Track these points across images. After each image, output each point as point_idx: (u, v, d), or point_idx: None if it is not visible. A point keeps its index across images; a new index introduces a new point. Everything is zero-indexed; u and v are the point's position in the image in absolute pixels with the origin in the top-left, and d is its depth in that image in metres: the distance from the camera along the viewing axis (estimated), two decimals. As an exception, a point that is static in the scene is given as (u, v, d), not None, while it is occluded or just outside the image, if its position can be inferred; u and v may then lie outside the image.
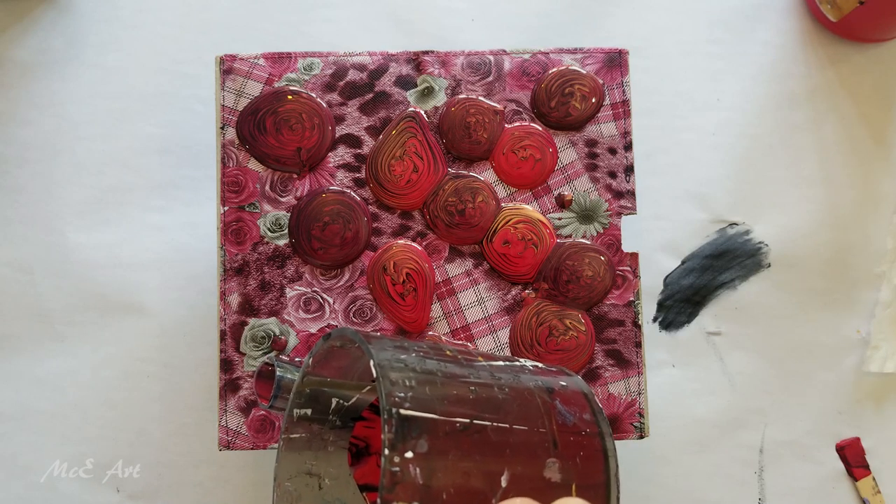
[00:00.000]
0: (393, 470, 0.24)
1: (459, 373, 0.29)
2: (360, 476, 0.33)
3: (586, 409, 0.31)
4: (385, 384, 0.26)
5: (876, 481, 0.48)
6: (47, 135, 0.48)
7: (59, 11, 0.49)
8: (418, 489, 0.24)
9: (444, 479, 0.25)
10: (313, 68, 0.41)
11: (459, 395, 0.27)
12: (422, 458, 0.25)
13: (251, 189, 0.41)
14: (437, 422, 0.26)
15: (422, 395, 0.26)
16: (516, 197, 0.41)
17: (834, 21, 0.48)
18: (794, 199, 0.49)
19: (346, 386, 0.34)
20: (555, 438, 0.29)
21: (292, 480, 0.33)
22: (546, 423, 0.29)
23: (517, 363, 0.32)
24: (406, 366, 0.27)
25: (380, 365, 0.26)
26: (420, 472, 0.24)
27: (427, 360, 0.28)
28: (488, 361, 0.31)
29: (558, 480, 0.28)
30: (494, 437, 0.27)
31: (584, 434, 0.30)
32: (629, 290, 0.41)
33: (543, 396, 0.30)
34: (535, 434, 0.28)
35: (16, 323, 0.47)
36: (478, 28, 0.50)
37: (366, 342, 0.28)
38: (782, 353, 0.48)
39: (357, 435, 0.33)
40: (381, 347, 0.28)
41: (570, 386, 0.32)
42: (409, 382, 0.26)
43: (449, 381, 0.28)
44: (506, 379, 0.30)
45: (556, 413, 0.30)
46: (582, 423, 0.30)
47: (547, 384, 0.31)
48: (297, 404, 0.33)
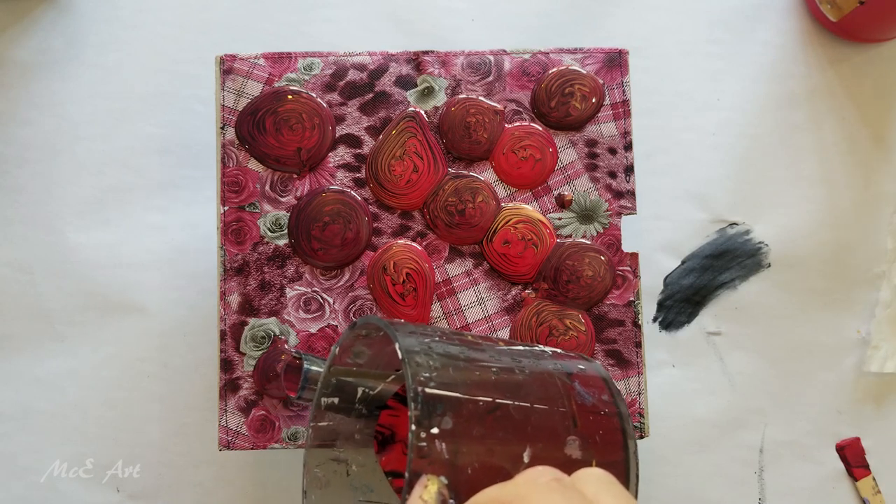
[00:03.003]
0: (420, 445, 0.25)
1: (481, 356, 0.30)
2: (386, 463, 0.33)
3: (605, 391, 0.32)
4: (411, 365, 0.26)
5: (876, 481, 0.48)
6: (47, 135, 0.48)
7: (59, 11, 0.49)
8: (444, 464, 0.25)
9: (469, 455, 0.26)
10: (313, 68, 0.41)
11: (482, 377, 0.28)
12: (447, 434, 0.26)
13: (251, 189, 0.41)
14: (462, 400, 0.27)
15: (445, 376, 0.27)
16: (516, 197, 0.41)
17: (834, 21, 0.48)
18: (794, 199, 0.49)
19: (372, 375, 0.35)
20: (575, 417, 0.29)
21: (321, 467, 0.34)
22: (566, 402, 0.30)
23: (536, 348, 0.33)
24: (430, 349, 0.28)
25: (405, 348, 0.27)
26: (446, 447, 0.25)
27: (449, 344, 0.29)
28: (508, 346, 0.32)
29: (579, 457, 0.29)
30: (516, 415, 0.28)
31: (603, 414, 0.31)
32: (629, 290, 0.41)
33: (563, 378, 0.31)
34: (555, 413, 0.29)
35: (16, 323, 0.47)
36: (478, 28, 0.50)
37: (391, 328, 0.29)
38: (782, 353, 0.48)
39: (383, 423, 0.34)
40: (405, 333, 0.29)
41: (589, 369, 0.33)
42: (434, 364, 0.27)
43: (471, 363, 0.29)
44: (526, 362, 0.31)
45: (576, 394, 0.30)
46: (601, 403, 0.31)
47: (566, 367, 0.32)
48: (324, 393, 0.34)
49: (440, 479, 0.24)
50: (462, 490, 0.25)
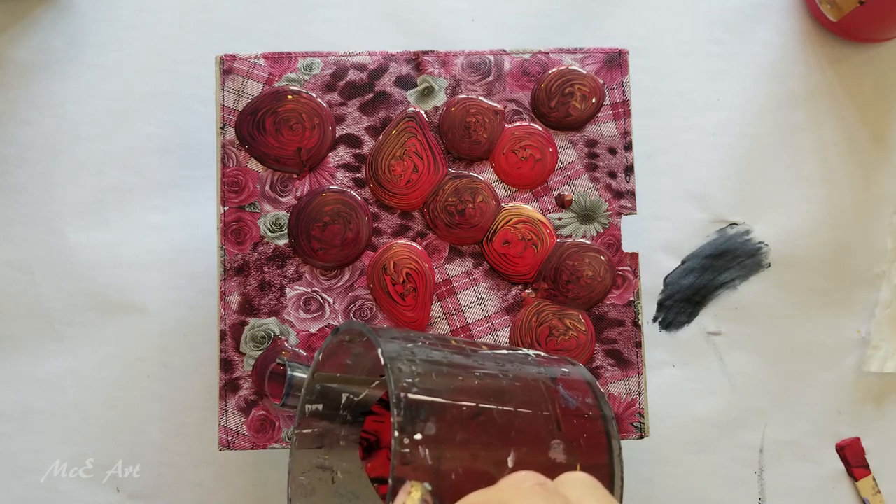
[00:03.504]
0: (403, 451, 0.25)
1: (464, 362, 0.30)
2: (372, 469, 0.33)
3: (589, 394, 0.32)
4: (393, 371, 0.26)
5: (876, 481, 0.48)
6: (47, 135, 0.48)
7: (59, 11, 0.49)
8: (428, 470, 0.25)
9: (453, 460, 0.26)
10: (313, 68, 0.41)
11: (465, 382, 0.28)
12: (430, 440, 0.25)
13: (251, 189, 0.41)
14: (445, 406, 0.27)
15: (428, 382, 0.27)
16: (516, 197, 0.41)
17: (834, 21, 0.48)
18: (794, 199, 0.49)
19: (356, 381, 0.35)
20: (558, 421, 0.29)
21: (306, 474, 0.34)
22: (549, 406, 0.30)
23: (520, 352, 0.33)
24: (413, 354, 0.28)
25: (387, 354, 0.27)
26: (429, 453, 0.25)
27: (433, 350, 0.29)
28: (492, 351, 0.32)
29: (563, 461, 0.29)
30: (500, 420, 0.28)
31: (587, 417, 0.31)
32: (629, 290, 0.41)
33: (546, 382, 0.31)
34: (539, 417, 0.29)
35: (16, 323, 0.47)
36: (478, 28, 0.50)
37: (374, 333, 0.28)
38: (782, 353, 0.48)
39: (367, 429, 0.34)
40: (388, 338, 0.29)
41: (573, 373, 0.33)
42: (416, 370, 0.27)
43: (454, 368, 0.29)
44: (510, 367, 0.31)
45: (560, 397, 0.30)
46: (585, 406, 0.31)
47: (550, 371, 0.32)
48: (308, 400, 0.34)
49: (424, 485, 0.24)
50: (446, 496, 0.25)
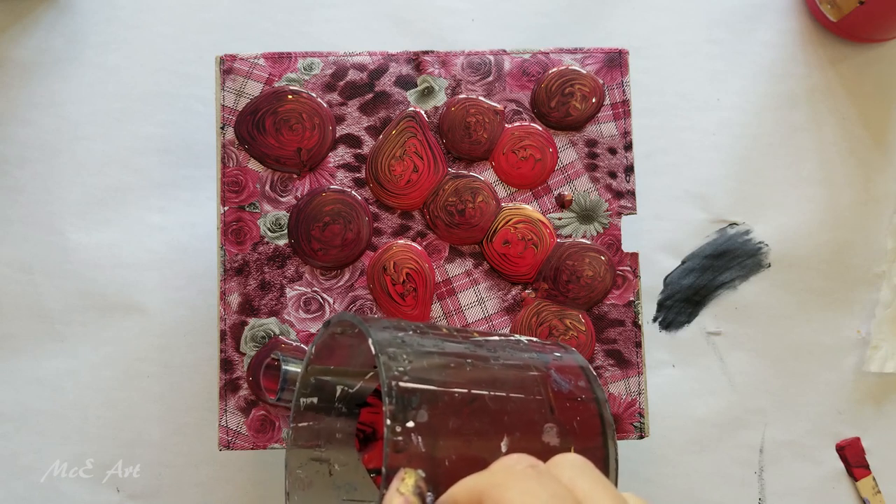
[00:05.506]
0: (396, 440, 0.25)
1: (455, 349, 0.30)
2: (369, 460, 0.33)
3: (581, 378, 0.32)
4: (384, 360, 0.27)
5: (876, 481, 0.48)
6: (47, 135, 0.48)
7: (59, 11, 0.49)
8: (422, 457, 0.25)
9: (446, 447, 0.26)
10: (313, 68, 0.41)
11: (457, 369, 0.28)
12: (423, 427, 0.26)
13: (251, 189, 0.41)
14: (437, 392, 0.27)
15: (420, 369, 0.27)
16: (516, 197, 0.41)
17: (834, 21, 0.48)
18: (794, 199, 0.49)
19: (350, 373, 0.35)
20: (551, 405, 0.29)
21: (303, 468, 0.34)
22: (542, 390, 0.30)
23: (512, 338, 0.34)
24: (404, 343, 0.28)
25: (378, 343, 0.27)
26: (422, 441, 0.25)
27: (424, 338, 0.29)
28: (484, 338, 0.32)
29: (557, 444, 0.29)
30: (492, 405, 0.28)
31: (580, 400, 0.31)
32: (629, 290, 0.41)
33: (539, 366, 0.31)
34: (531, 401, 0.29)
35: (16, 323, 0.47)
36: (478, 28, 0.50)
37: (364, 323, 0.29)
38: (782, 353, 0.48)
39: (363, 421, 0.34)
40: (379, 328, 0.29)
41: (566, 358, 0.33)
42: (408, 358, 0.27)
43: (445, 356, 0.29)
44: (501, 352, 0.31)
45: (552, 381, 0.30)
46: (577, 389, 0.31)
47: (542, 355, 0.32)
48: (302, 394, 0.34)
49: (417, 472, 0.24)
50: (441, 482, 0.25)
